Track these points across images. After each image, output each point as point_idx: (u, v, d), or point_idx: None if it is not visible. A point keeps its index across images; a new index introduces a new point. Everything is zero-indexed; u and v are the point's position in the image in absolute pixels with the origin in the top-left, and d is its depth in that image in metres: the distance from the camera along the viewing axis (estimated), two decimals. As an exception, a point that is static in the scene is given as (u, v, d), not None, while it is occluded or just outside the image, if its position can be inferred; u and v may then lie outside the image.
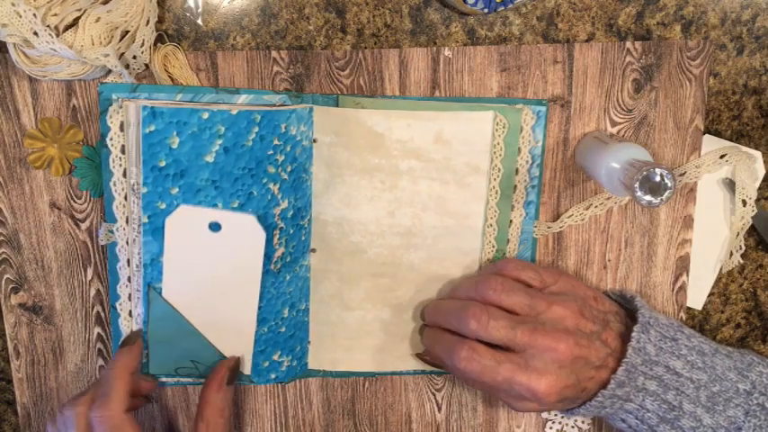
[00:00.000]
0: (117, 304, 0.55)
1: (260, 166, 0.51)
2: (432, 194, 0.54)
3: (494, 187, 0.54)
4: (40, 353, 0.57)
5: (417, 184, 0.54)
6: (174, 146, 0.50)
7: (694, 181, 0.55)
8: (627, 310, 0.54)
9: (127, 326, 0.55)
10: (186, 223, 0.52)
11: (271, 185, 0.52)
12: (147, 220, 0.51)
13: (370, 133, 0.52)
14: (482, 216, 0.54)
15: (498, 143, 0.53)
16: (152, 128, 0.49)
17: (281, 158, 0.52)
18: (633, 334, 0.49)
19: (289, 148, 0.52)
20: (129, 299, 0.55)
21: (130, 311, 0.55)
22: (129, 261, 0.54)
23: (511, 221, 0.55)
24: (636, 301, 0.53)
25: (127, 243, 0.53)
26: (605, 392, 0.49)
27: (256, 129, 0.50)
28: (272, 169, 0.51)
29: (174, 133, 0.50)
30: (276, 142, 0.51)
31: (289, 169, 0.52)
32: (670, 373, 0.50)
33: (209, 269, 0.53)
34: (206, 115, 0.50)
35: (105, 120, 0.51)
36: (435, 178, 0.53)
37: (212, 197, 0.51)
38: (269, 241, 0.53)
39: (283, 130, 0.51)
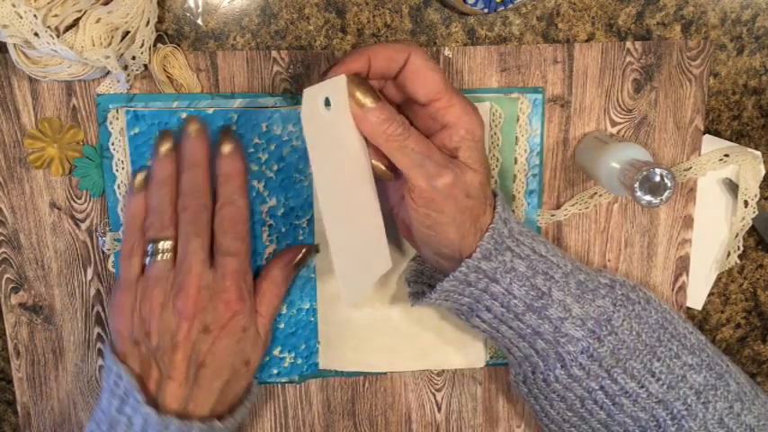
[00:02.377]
0: None
1: None
2: None
3: (492, 176, 0.54)
4: (41, 353, 0.57)
5: None
6: None
7: (698, 177, 0.55)
8: None
9: None
10: (311, 108, 0.43)
11: (255, 182, 0.53)
12: None
13: None
14: None
15: (495, 133, 0.53)
16: (136, 130, 0.51)
17: (264, 157, 0.53)
18: (498, 201, 0.47)
19: (273, 148, 0.52)
20: None
21: None
22: None
23: (513, 211, 0.55)
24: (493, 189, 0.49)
25: None
26: (470, 262, 0.45)
27: (233, 127, 0.52)
28: (254, 167, 0.53)
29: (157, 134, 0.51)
30: (257, 141, 0.52)
31: (275, 168, 0.53)
32: (537, 255, 0.47)
33: (332, 162, 0.44)
34: (184, 116, 0.51)
35: (106, 126, 0.52)
36: None
37: None
38: (258, 237, 0.54)
39: (264, 129, 0.52)
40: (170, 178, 0.49)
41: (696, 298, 0.58)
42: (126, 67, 0.50)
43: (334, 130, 0.44)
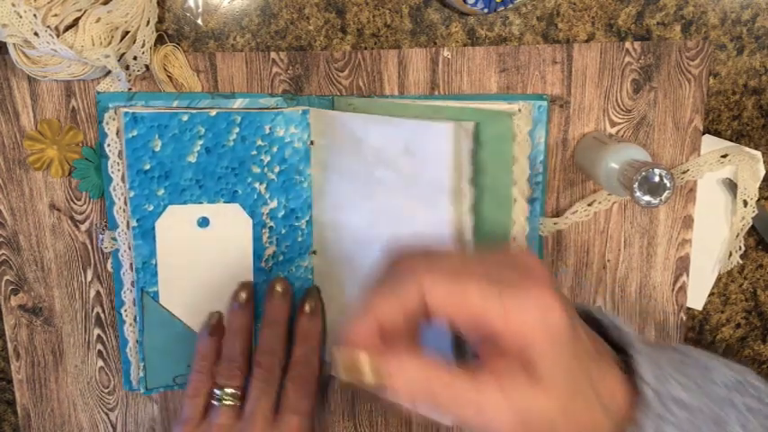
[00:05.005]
0: (122, 310, 0.55)
1: (243, 165, 0.52)
2: (405, 210, 0.50)
3: (464, 212, 0.50)
4: (40, 354, 0.56)
5: (392, 197, 0.51)
6: (157, 149, 0.51)
7: (696, 179, 0.55)
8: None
9: (132, 332, 0.55)
10: (176, 223, 0.52)
11: (257, 185, 0.53)
12: (136, 224, 0.52)
13: (351, 137, 0.51)
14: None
15: (460, 159, 0.49)
16: (134, 132, 0.50)
17: (266, 159, 0.52)
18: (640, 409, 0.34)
19: (275, 149, 0.52)
20: (134, 304, 0.55)
21: (135, 317, 0.55)
22: (131, 265, 0.54)
23: (514, 221, 0.54)
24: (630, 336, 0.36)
25: (129, 248, 0.53)
26: None
27: (237, 129, 0.52)
28: (256, 169, 0.53)
29: (156, 136, 0.51)
30: (260, 143, 0.52)
31: (277, 170, 0.53)
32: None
33: (203, 268, 0.54)
34: (185, 117, 0.51)
35: (103, 127, 0.52)
36: (406, 194, 0.50)
37: (197, 196, 0.52)
38: (258, 239, 0.54)
39: (267, 131, 0.52)
40: (244, 329, 0.51)
41: (696, 298, 0.58)
42: (127, 68, 0.50)
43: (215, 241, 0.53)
